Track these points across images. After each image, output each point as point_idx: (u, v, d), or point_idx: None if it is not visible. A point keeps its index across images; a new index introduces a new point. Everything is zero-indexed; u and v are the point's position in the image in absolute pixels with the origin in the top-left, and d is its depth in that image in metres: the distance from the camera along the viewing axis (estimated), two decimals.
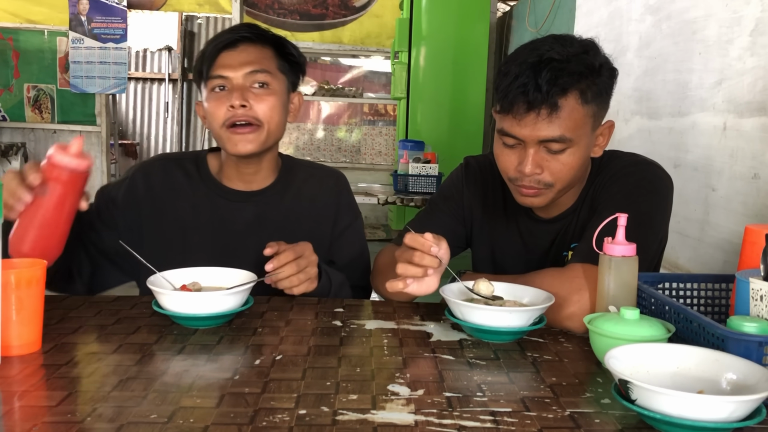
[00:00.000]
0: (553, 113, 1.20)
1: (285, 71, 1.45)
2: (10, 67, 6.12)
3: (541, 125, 1.21)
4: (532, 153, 1.24)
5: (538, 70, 1.19)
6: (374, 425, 0.79)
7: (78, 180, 1.15)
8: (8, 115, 6.15)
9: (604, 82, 1.25)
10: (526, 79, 1.19)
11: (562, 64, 1.20)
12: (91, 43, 6.00)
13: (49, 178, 1.12)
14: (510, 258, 1.46)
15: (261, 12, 6.94)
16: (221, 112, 1.37)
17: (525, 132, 1.22)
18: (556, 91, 1.19)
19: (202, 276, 1.26)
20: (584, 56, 1.22)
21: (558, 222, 1.40)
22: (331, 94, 7.51)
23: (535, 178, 1.26)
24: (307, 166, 1.60)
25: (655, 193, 1.32)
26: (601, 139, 1.31)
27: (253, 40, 1.41)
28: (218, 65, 1.38)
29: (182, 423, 0.78)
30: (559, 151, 1.24)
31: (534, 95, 1.18)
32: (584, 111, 1.23)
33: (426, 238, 1.16)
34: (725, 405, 0.74)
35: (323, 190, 1.55)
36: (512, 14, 5.85)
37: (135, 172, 1.51)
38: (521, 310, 1.09)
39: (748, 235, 1.07)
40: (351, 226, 1.56)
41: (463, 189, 1.51)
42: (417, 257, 1.16)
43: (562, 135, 1.21)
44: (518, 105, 1.21)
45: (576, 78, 1.20)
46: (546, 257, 1.42)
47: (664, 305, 1.06)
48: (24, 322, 0.99)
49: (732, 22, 1.81)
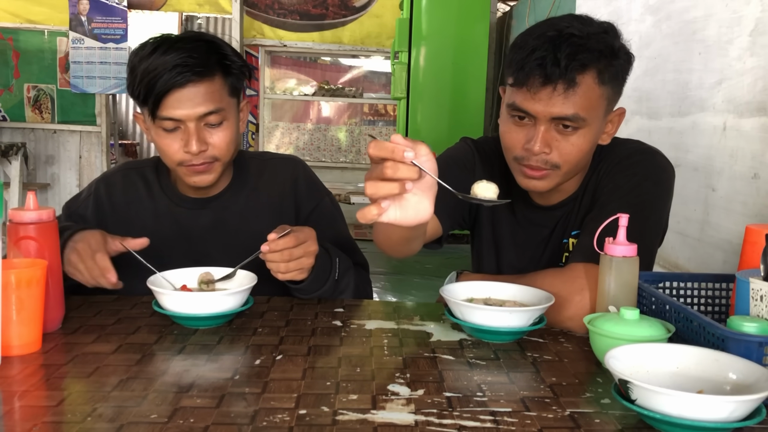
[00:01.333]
0: (570, 89, 1.17)
1: (234, 89, 1.39)
2: (10, 67, 6.12)
3: (556, 101, 1.18)
4: (543, 130, 1.20)
5: (557, 45, 1.16)
6: (374, 425, 0.79)
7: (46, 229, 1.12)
8: (8, 115, 6.15)
9: (621, 65, 1.22)
10: (544, 53, 1.16)
11: (582, 41, 1.17)
12: (91, 43, 6.00)
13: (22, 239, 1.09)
14: (509, 243, 1.44)
15: (261, 12, 6.94)
16: (176, 154, 1.34)
17: (538, 107, 1.19)
18: (575, 66, 1.16)
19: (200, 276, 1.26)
20: (604, 36, 1.20)
21: (558, 209, 1.38)
22: (331, 94, 7.52)
23: (542, 158, 1.22)
24: (259, 159, 1.56)
25: (660, 184, 1.31)
26: (610, 126, 1.29)
27: (201, 74, 1.30)
28: (168, 106, 1.30)
29: (182, 423, 0.78)
30: (570, 132, 1.21)
31: (552, 69, 1.15)
32: (600, 92, 1.20)
33: (395, 141, 0.86)
34: (725, 405, 0.74)
35: (279, 181, 1.51)
36: (512, 14, 5.85)
37: (98, 184, 1.50)
38: (521, 310, 1.09)
39: (748, 235, 1.07)
40: (316, 209, 1.51)
41: (475, 165, 1.45)
42: (389, 169, 0.85)
43: (576, 113, 1.18)
44: (534, 78, 1.17)
45: (596, 56, 1.17)
46: (544, 245, 1.40)
47: (664, 305, 1.06)
48: (24, 322, 0.99)
49: (732, 22, 1.81)
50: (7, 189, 5.28)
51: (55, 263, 1.11)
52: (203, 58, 1.31)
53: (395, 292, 4.44)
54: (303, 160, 1.60)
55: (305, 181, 1.54)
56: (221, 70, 1.35)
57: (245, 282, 1.22)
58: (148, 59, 1.30)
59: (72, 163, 6.27)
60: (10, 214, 1.09)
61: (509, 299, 1.21)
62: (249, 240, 1.32)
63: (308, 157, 7.47)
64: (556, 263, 1.37)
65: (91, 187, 1.51)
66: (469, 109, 5.60)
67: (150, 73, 1.28)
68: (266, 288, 1.30)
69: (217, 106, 1.33)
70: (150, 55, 1.30)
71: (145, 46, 1.33)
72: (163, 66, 1.28)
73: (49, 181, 6.27)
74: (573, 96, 1.18)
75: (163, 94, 1.29)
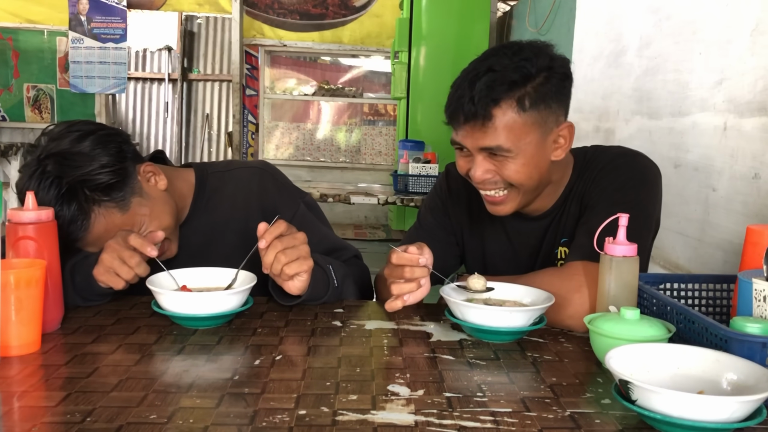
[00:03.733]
0: (488, 123, 1.22)
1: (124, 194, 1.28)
2: (10, 67, 6.12)
3: (478, 135, 1.24)
4: (479, 160, 1.27)
5: (473, 83, 1.23)
6: (374, 425, 0.78)
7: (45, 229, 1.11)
8: (8, 115, 6.15)
9: (545, 87, 1.24)
10: (462, 92, 1.24)
11: (495, 75, 1.22)
12: (90, 43, 6.00)
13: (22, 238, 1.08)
14: (500, 259, 1.47)
15: (261, 12, 6.94)
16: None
17: (467, 141, 1.27)
18: (487, 102, 1.21)
19: (200, 276, 1.26)
20: (524, 63, 1.22)
21: (545, 218, 1.40)
22: (331, 94, 7.51)
23: (491, 180, 1.28)
24: (221, 172, 1.49)
25: (645, 183, 1.33)
26: (561, 141, 1.30)
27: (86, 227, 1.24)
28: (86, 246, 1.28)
29: (182, 423, 0.78)
30: (503, 159, 1.25)
31: (468, 107, 1.22)
32: (523, 119, 1.23)
33: (411, 252, 1.19)
34: (726, 405, 0.74)
35: (242, 193, 1.45)
36: (512, 14, 5.85)
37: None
38: (521, 310, 1.09)
39: (749, 235, 1.07)
40: (294, 218, 1.43)
41: (447, 199, 1.52)
42: (407, 272, 1.19)
43: (499, 145, 1.23)
44: (457, 116, 1.25)
45: (508, 87, 1.21)
46: (536, 255, 1.42)
47: (665, 306, 1.05)
48: (23, 322, 0.99)
49: (732, 22, 1.81)
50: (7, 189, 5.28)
51: (54, 263, 1.11)
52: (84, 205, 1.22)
53: None
54: (272, 165, 1.53)
55: (276, 190, 1.48)
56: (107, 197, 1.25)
57: (245, 282, 1.22)
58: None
59: None
60: (9, 214, 1.08)
61: (509, 299, 1.21)
62: (221, 258, 1.31)
63: (308, 157, 7.47)
64: None
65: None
66: None
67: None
68: (266, 288, 1.30)
69: (116, 230, 1.25)
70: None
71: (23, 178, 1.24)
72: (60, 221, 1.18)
73: None
74: (493, 129, 1.23)
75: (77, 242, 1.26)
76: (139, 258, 1.18)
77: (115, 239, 1.21)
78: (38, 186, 1.21)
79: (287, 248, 1.17)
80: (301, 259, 1.18)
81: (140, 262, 1.18)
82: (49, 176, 1.22)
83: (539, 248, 1.42)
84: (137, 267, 1.18)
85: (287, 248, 1.17)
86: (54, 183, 1.22)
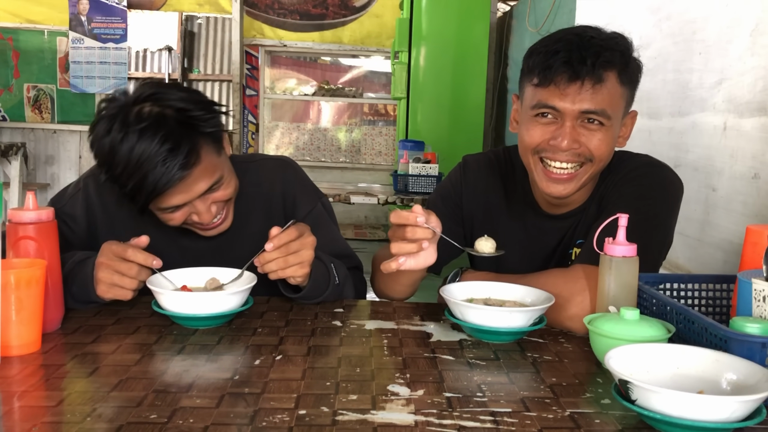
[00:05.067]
0: (597, 85, 1.21)
1: (217, 144, 1.29)
2: (10, 67, 6.12)
3: (585, 96, 1.21)
4: (569, 126, 1.24)
5: (581, 45, 1.21)
6: (374, 425, 0.78)
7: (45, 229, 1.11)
8: (8, 115, 6.15)
9: (634, 70, 1.28)
10: (569, 53, 1.21)
11: (603, 42, 1.23)
12: (91, 43, 6.00)
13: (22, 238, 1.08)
14: (513, 256, 1.43)
15: (261, 12, 6.94)
16: (180, 221, 1.28)
17: (566, 103, 1.22)
18: (601, 63, 1.21)
19: (200, 276, 1.26)
20: (620, 40, 1.26)
21: (567, 219, 1.38)
22: (331, 94, 7.51)
23: (573, 152, 1.25)
24: (247, 162, 1.48)
25: (668, 197, 1.32)
26: (624, 129, 1.32)
27: (186, 165, 1.19)
28: (166, 199, 1.22)
29: (182, 423, 0.78)
30: (596, 127, 1.24)
31: (579, 66, 1.20)
32: (621, 91, 1.25)
33: (413, 211, 1.12)
34: (725, 405, 0.74)
35: (266, 182, 1.45)
36: (512, 14, 5.84)
37: (86, 180, 1.41)
38: (521, 310, 1.09)
39: (749, 235, 1.06)
40: (310, 214, 1.44)
41: (462, 189, 1.49)
42: (409, 232, 1.12)
43: (603, 109, 1.22)
44: (561, 75, 1.21)
45: (618, 56, 1.23)
46: (552, 255, 1.40)
47: (665, 306, 1.05)
48: (24, 322, 0.99)
49: (732, 22, 1.81)
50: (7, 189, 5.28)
51: (54, 263, 1.11)
52: (183, 141, 1.18)
53: None
54: (295, 161, 1.54)
55: (298, 184, 1.49)
56: (204, 141, 1.23)
57: (245, 282, 1.22)
58: (121, 152, 1.17)
59: (72, 163, 6.27)
60: (10, 214, 1.08)
61: (509, 299, 1.21)
62: (244, 244, 1.30)
63: (308, 157, 7.46)
64: None
65: (78, 184, 1.42)
66: (469, 109, 5.59)
67: (133, 174, 1.17)
68: (266, 288, 1.30)
69: (214, 178, 1.26)
70: (121, 144, 1.17)
71: (109, 131, 1.19)
72: (148, 164, 1.16)
73: (49, 181, 6.27)
74: (600, 91, 1.22)
75: (157, 195, 1.20)
76: (137, 267, 1.18)
77: (105, 256, 1.18)
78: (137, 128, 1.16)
79: (290, 254, 1.18)
80: (299, 265, 1.19)
81: (140, 271, 1.18)
82: (149, 116, 1.17)
83: (556, 248, 1.40)
84: (138, 276, 1.18)
85: (290, 254, 1.18)
86: (156, 120, 1.17)
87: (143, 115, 1.18)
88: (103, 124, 1.20)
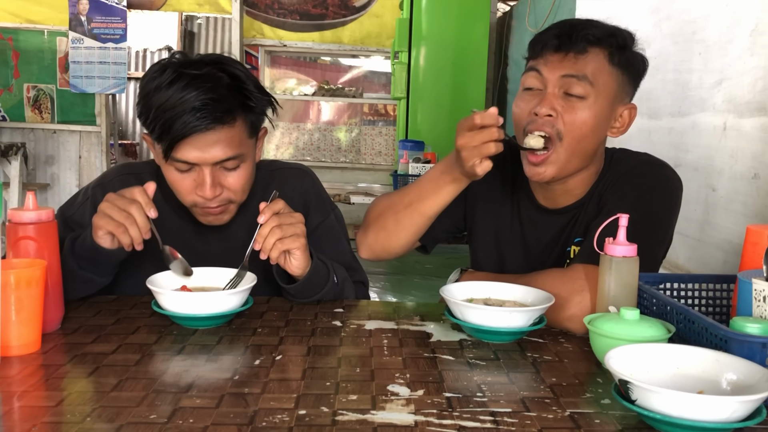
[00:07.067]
0: (580, 55, 1.25)
1: (254, 129, 1.31)
2: (10, 67, 6.12)
3: (567, 62, 1.26)
4: (550, 93, 1.27)
5: (573, 24, 1.28)
6: (374, 425, 0.78)
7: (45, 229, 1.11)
8: (8, 115, 6.15)
9: (634, 59, 1.30)
10: (560, 29, 1.28)
11: (597, 24, 1.29)
12: (90, 43, 6.00)
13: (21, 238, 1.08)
14: (511, 248, 1.43)
15: (261, 12, 6.94)
16: (189, 194, 1.28)
17: (548, 68, 1.27)
18: (586, 36, 1.25)
19: (200, 276, 1.26)
20: (618, 30, 1.30)
21: (564, 214, 1.37)
22: (331, 94, 7.51)
23: (548, 121, 1.26)
24: (267, 169, 1.48)
25: (667, 195, 1.32)
26: (620, 120, 1.33)
27: (222, 119, 1.22)
28: (183, 149, 1.22)
29: (182, 423, 0.78)
30: (576, 100, 1.25)
31: (564, 39, 1.26)
32: (609, 70, 1.27)
33: (489, 112, 1.19)
34: (725, 405, 0.74)
35: (287, 191, 1.41)
36: (512, 14, 5.85)
37: (94, 189, 1.42)
38: (521, 310, 1.09)
39: (749, 235, 1.06)
40: (322, 224, 1.45)
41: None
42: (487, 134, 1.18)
43: (584, 74, 1.25)
44: (549, 47, 1.27)
45: (606, 35, 1.27)
46: (549, 250, 1.39)
47: (665, 306, 1.05)
48: (24, 322, 0.99)
49: (732, 22, 1.81)
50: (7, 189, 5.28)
51: (54, 263, 1.11)
52: (226, 99, 1.22)
53: (395, 292, 4.43)
54: (312, 171, 1.55)
55: (314, 194, 1.50)
56: (243, 112, 1.26)
57: (245, 282, 1.22)
58: (164, 92, 1.20)
59: (72, 163, 6.27)
60: (10, 214, 1.08)
61: (509, 299, 1.21)
62: (256, 252, 1.30)
63: (308, 157, 7.47)
64: None
65: (87, 192, 1.43)
66: (469, 109, 5.59)
67: (166, 112, 1.19)
68: (266, 288, 1.30)
69: (235, 152, 1.25)
70: (168, 87, 1.20)
71: (162, 73, 1.22)
72: (181, 106, 1.19)
73: (49, 181, 6.26)
74: (583, 60, 1.26)
75: (180, 138, 1.20)
76: (138, 205, 1.15)
77: (106, 200, 1.18)
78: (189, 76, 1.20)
79: (284, 224, 1.20)
80: (295, 236, 1.21)
81: (139, 209, 1.15)
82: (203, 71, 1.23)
83: (554, 245, 1.39)
84: (136, 213, 1.15)
85: (284, 224, 1.20)
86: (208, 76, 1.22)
87: (199, 69, 1.23)
88: (157, 67, 1.25)
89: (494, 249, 1.46)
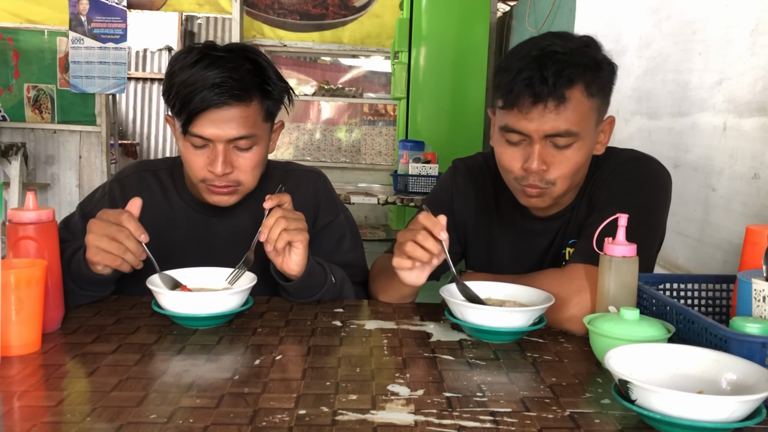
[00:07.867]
0: (561, 105, 1.19)
1: (270, 114, 1.36)
2: (10, 67, 6.12)
3: (548, 118, 1.20)
4: (538, 149, 1.23)
5: (542, 63, 1.18)
6: (374, 425, 0.79)
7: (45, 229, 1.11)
8: (8, 115, 6.15)
9: (606, 77, 1.25)
10: (530, 73, 1.18)
11: (566, 56, 1.19)
12: (91, 43, 6.00)
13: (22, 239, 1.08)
14: (506, 259, 1.45)
15: (261, 12, 6.94)
16: (200, 170, 1.31)
17: (531, 126, 1.21)
18: (563, 82, 1.18)
19: (200, 276, 1.26)
20: (587, 49, 1.23)
21: (556, 220, 1.39)
22: (331, 94, 7.51)
23: (543, 174, 1.24)
24: (282, 169, 1.52)
25: (656, 189, 1.32)
26: (602, 135, 1.31)
27: (239, 97, 1.27)
28: (200, 124, 1.27)
29: (182, 423, 0.78)
30: (565, 147, 1.23)
31: (540, 87, 1.17)
32: (589, 104, 1.23)
33: (441, 222, 1.15)
34: (725, 405, 0.74)
35: (300, 193, 1.44)
36: (512, 14, 5.84)
37: (111, 185, 1.46)
38: (521, 310, 1.09)
39: (749, 235, 1.07)
40: (330, 223, 1.49)
41: (453, 194, 1.50)
42: (421, 236, 1.15)
43: (568, 129, 1.20)
44: (524, 98, 1.20)
45: (581, 70, 1.20)
46: (545, 256, 1.40)
47: (665, 306, 1.05)
48: (24, 322, 0.99)
49: (732, 22, 1.81)
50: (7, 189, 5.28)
51: (54, 263, 1.11)
52: (244, 79, 1.27)
53: None
54: (324, 174, 1.57)
55: (326, 195, 1.52)
56: (260, 95, 1.31)
57: (245, 282, 1.22)
58: (188, 71, 1.26)
59: (72, 163, 6.26)
60: (10, 214, 1.08)
61: (509, 299, 1.21)
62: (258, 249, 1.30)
63: (308, 157, 7.47)
64: None
65: (105, 188, 1.47)
66: (469, 109, 5.59)
67: (187, 87, 1.25)
68: (266, 288, 1.30)
69: (249, 131, 1.29)
70: (191, 66, 1.26)
71: (188, 54, 1.28)
72: (202, 82, 1.24)
73: (49, 181, 6.26)
74: (564, 112, 1.19)
75: (198, 112, 1.25)
76: (127, 232, 1.16)
77: (97, 219, 1.18)
78: (214, 57, 1.26)
79: (289, 217, 1.21)
80: (299, 230, 1.22)
81: (129, 237, 1.16)
82: (228, 55, 1.29)
83: (548, 249, 1.40)
84: (126, 242, 1.15)
85: (289, 217, 1.21)
86: (233, 59, 1.28)
87: (224, 53, 1.29)
88: (185, 50, 1.31)
89: (486, 263, 1.47)
